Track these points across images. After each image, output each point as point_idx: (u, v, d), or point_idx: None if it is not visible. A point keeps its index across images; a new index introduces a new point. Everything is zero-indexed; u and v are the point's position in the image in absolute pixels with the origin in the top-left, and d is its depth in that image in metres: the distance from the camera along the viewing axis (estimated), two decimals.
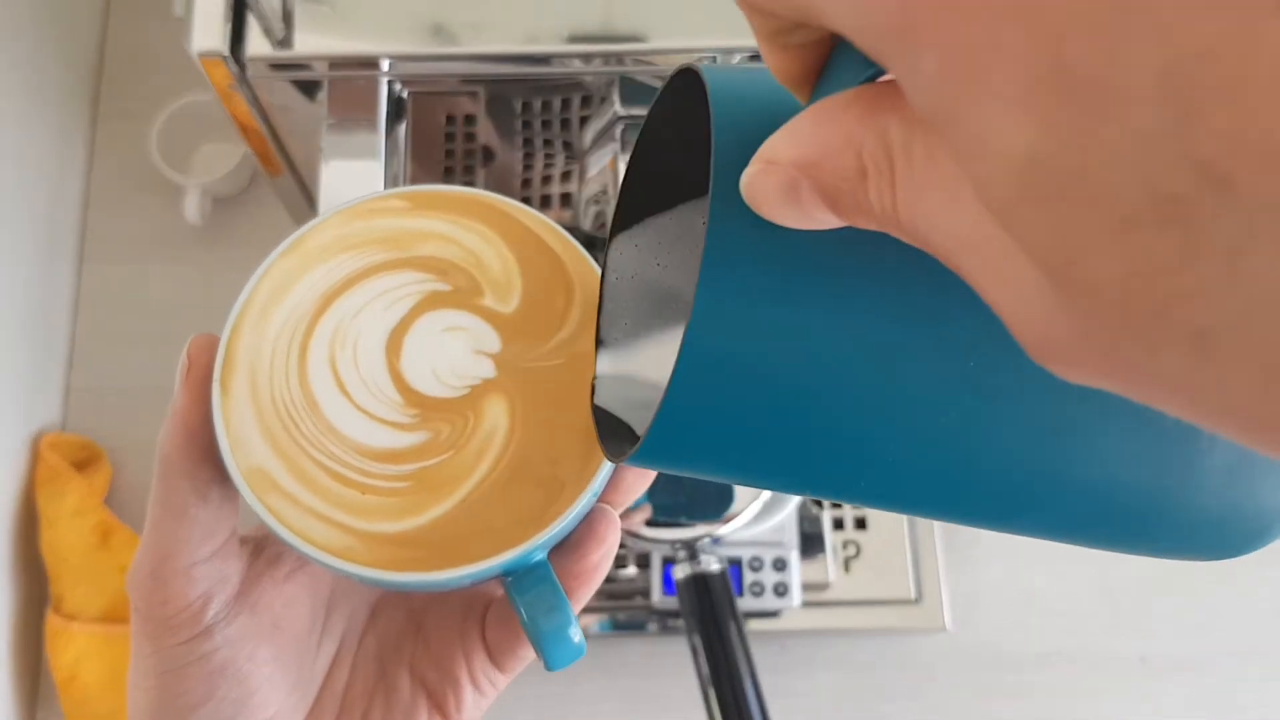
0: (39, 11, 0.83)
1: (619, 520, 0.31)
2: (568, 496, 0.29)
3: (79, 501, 0.76)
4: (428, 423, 0.30)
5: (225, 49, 0.45)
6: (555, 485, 0.29)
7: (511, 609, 0.31)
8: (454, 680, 0.33)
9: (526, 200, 0.64)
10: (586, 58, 0.48)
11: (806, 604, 0.73)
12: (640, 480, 0.32)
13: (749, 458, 0.22)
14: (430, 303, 0.31)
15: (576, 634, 0.30)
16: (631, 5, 0.48)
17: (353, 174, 0.49)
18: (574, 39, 0.47)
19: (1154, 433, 0.22)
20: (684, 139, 0.26)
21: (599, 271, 0.30)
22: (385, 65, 0.48)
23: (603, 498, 0.31)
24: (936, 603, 0.74)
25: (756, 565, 0.72)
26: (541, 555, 0.30)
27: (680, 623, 0.69)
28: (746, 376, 0.20)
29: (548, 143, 0.59)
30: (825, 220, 0.18)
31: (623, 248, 0.29)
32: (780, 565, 0.72)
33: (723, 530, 0.57)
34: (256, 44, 0.46)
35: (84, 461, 0.80)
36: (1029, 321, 0.15)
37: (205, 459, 0.29)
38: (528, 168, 0.62)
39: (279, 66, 0.47)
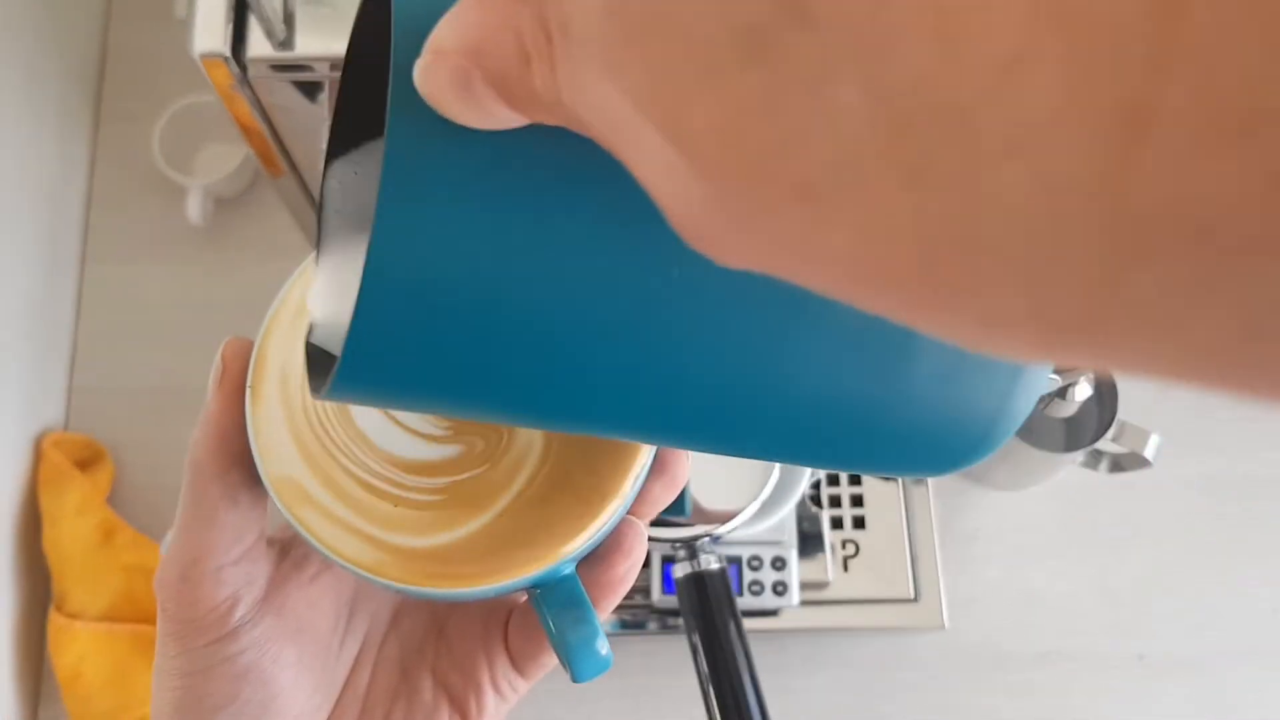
0: (40, 13, 0.83)
1: (645, 532, 0.31)
2: (599, 509, 0.28)
3: (82, 500, 0.76)
4: (461, 436, 0.29)
5: (227, 50, 0.46)
6: (587, 498, 0.29)
7: (536, 617, 0.31)
8: (476, 685, 0.33)
9: None
10: None
11: (805, 603, 0.73)
12: (667, 492, 0.31)
13: (454, 383, 0.21)
14: None
15: (604, 646, 0.30)
16: None
17: None
18: None
19: (854, 339, 0.21)
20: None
21: None
22: None
23: (629, 510, 0.31)
24: (935, 602, 0.74)
25: (756, 564, 0.72)
26: (570, 568, 0.29)
27: (680, 621, 0.69)
28: (437, 295, 0.19)
29: None
30: (505, 116, 0.17)
31: (340, 176, 0.27)
32: (779, 564, 0.72)
33: (722, 529, 0.57)
34: (258, 45, 0.46)
35: (87, 460, 0.80)
36: (672, 199, 0.14)
37: (236, 464, 0.29)
38: None
39: (280, 67, 0.47)
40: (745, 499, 0.57)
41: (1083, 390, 0.69)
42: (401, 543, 0.28)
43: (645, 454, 0.29)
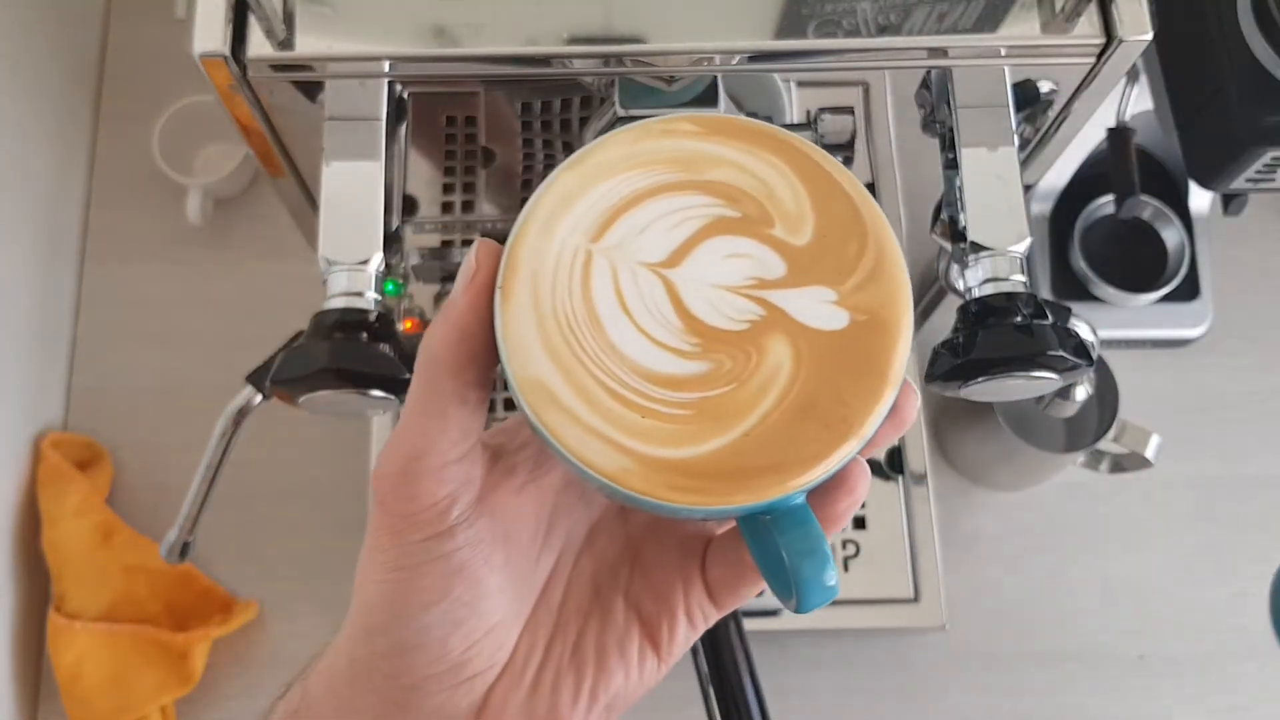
0: (40, 14, 0.83)
1: (869, 471, 0.31)
2: (844, 439, 0.28)
3: (81, 501, 0.76)
4: (709, 353, 0.29)
5: (226, 50, 0.45)
6: (834, 426, 0.28)
7: (737, 545, 0.32)
8: (670, 612, 0.33)
9: (525, 202, 0.64)
10: (586, 59, 0.48)
11: None
12: (894, 432, 0.31)
13: None
14: (718, 227, 0.30)
15: (833, 577, 0.29)
16: (631, 6, 0.48)
17: (354, 174, 0.49)
18: (574, 40, 0.47)
19: None
20: None
21: (889, 226, 0.30)
22: (386, 66, 0.48)
23: None
24: (935, 602, 0.74)
25: None
26: (803, 496, 0.29)
27: None
28: None
29: (548, 143, 0.59)
30: None
31: None
32: None
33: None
34: (258, 45, 0.46)
35: (86, 461, 0.80)
36: None
37: (473, 362, 0.30)
38: (528, 168, 0.62)
39: (280, 68, 0.47)
40: None
41: (1083, 391, 0.69)
42: (649, 452, 0.28)
43: (892, 390, 0.29)
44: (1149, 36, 0.47)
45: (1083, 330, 0.63)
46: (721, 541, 0.34)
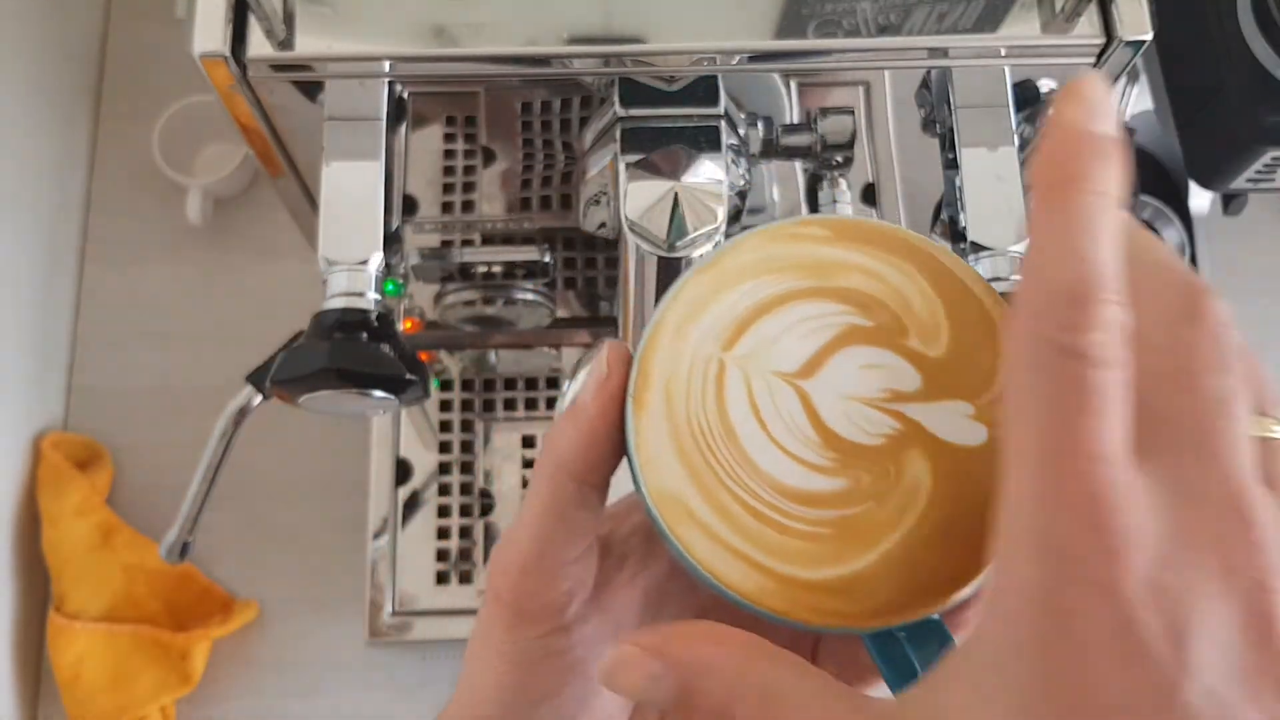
0: (40, 13, 0.84)
1: None
2: (985, 560, 0.27)
3: (81, 501, 0.76)
4: (846, 469, 0.28)
5: (226, 50, 0.46)
6: (974, 546, 0.27)
7: (854, 649, 0.31)
8: None
9: (525, 201, 0.64)
10: (586, 59, 0.48)
11: None
12: None
13: None
14: (851, 336, 0.29)
15: None
16: (632, 7, 0.48)
17: (354, 174, 0.49)
18: (574, 40, 0.47)
19: None
20: None
21: None
22: (386, 66, 0.48)
23: None
24: None
25: None
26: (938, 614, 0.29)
27: None
28: None
29: (547, 143, 0.59)
30: None
31: None
32: None
33: None
34: (258, 45, 0.46)
35: (86, 461, 0.80)
36: None
37: (598, 466, 0.30)
38: (528, 168, 0.62)
39: (280, 68, 0.47)
40: None
41: None
42: (787, 572, 0.27)
43: None
44: (1149, 36, 0.47)
45: None
46: (829, 640, 0.34)
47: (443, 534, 0.76)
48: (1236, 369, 0.22)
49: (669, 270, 0.49)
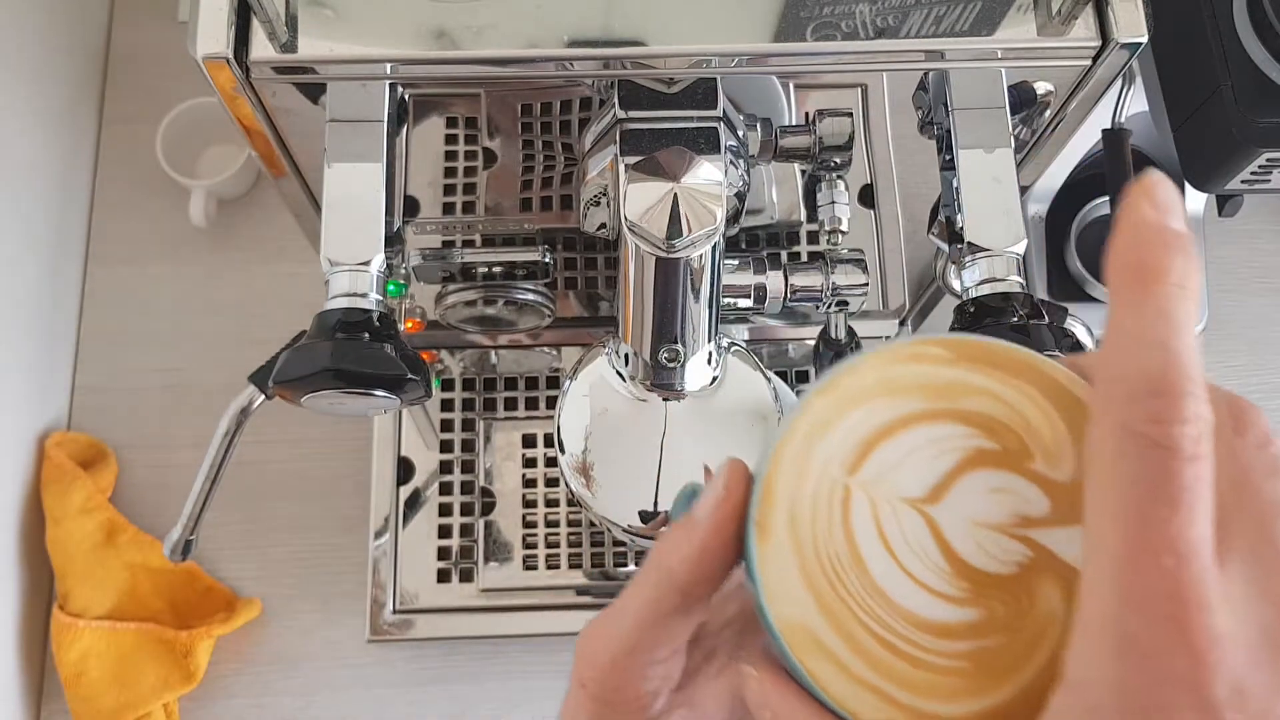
0: (44, 15, 0.84)
1: None
2: None
3: (85, 500, 0.77)
4: (979, 599, 0.27)
5: (229, 53, 0.46)
6: None
7: None
8: None
9: (526, 203, 0.65)
10: (586, 61, 0.48)
11: None
12: None
13: None
14: (977, 460, 0.28)
15: None
16: (632, 9, 0.48)
17: (356, 175, 0.50)
18: (575, 43, 0.48)
19: None
20: None
21: None
22: (388, 69, 0.48)
23: None
24: None
25: None
26: None
27: None
28: None
29: (548, 145, 0.59)
30: None
31: None
32: None
33: None
34: (260, 48, 0.47)
35: (90, 460, 0.80)
36: None
37: (705, 581, 0.30)
38: (528, 170, 0.62)
39: (282, 70, 0.47)
40: None
41: None
42: (922, 707, 0.27)
43: None
44: (1144, 39, 0.48)
45: (1079, 331, 0.63)
46: None
47: (444, 532, 0.77)
48: None
49: (668, 270, 0.49)
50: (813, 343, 0.65)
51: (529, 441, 0.79)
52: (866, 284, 0.58)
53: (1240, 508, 0.23)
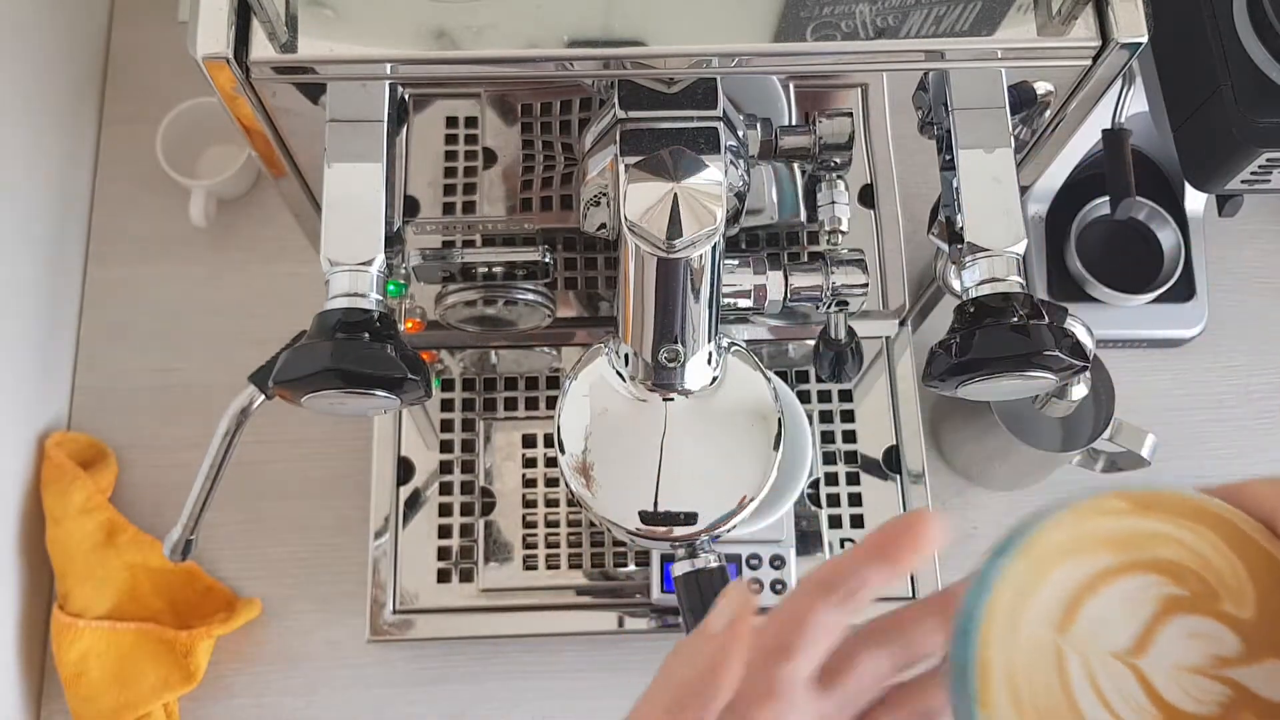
0: (44, 16, 0.84)
1: None
2: None
3: (85, 499, 0.77)
4: None
5: (229, 53, 0.46)
6: None
7: None
8: None
9: (527, 203, 0.65)
10: (587, 61, 0.48)
11: None
12: None
13: None
14: (1170, 607, 0.30)
15: None
16: (632, 9, 0.48)
17: (356, 175, 0.50)
18: (575, 43, 0.48)
19: None
20: None
21: None
22: (388, 69, 0.48)
23: None
24: None
25: (754, 563, 0.73)
26: None
27: (679, 620, 0.70)
28: None
29: (548, 145, 0.59)
30: None
31: None
32: (778, 563, 0.73)
33: (721, 528, 0.57)
34: (260, 48, 0.47)
35: (90, 460, 0.80)
36: None
37: None
38: (528, 170, 0.62)
39: (282, 70, 0.47)
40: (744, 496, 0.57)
41: (1079, 390, 0.69)
42: None
43: None
44: (1144, 39, 0.48)
45: (1079, 330, 0.63)
46: None
47: (444, 532, 0.77)
48: None
49: (669, 271, 0.49)
50: (813, 343, 0.65)
51: (529, 441, 0.79)
52: (866, 284, 0.58)
53: None
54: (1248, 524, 0.31)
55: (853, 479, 0.78)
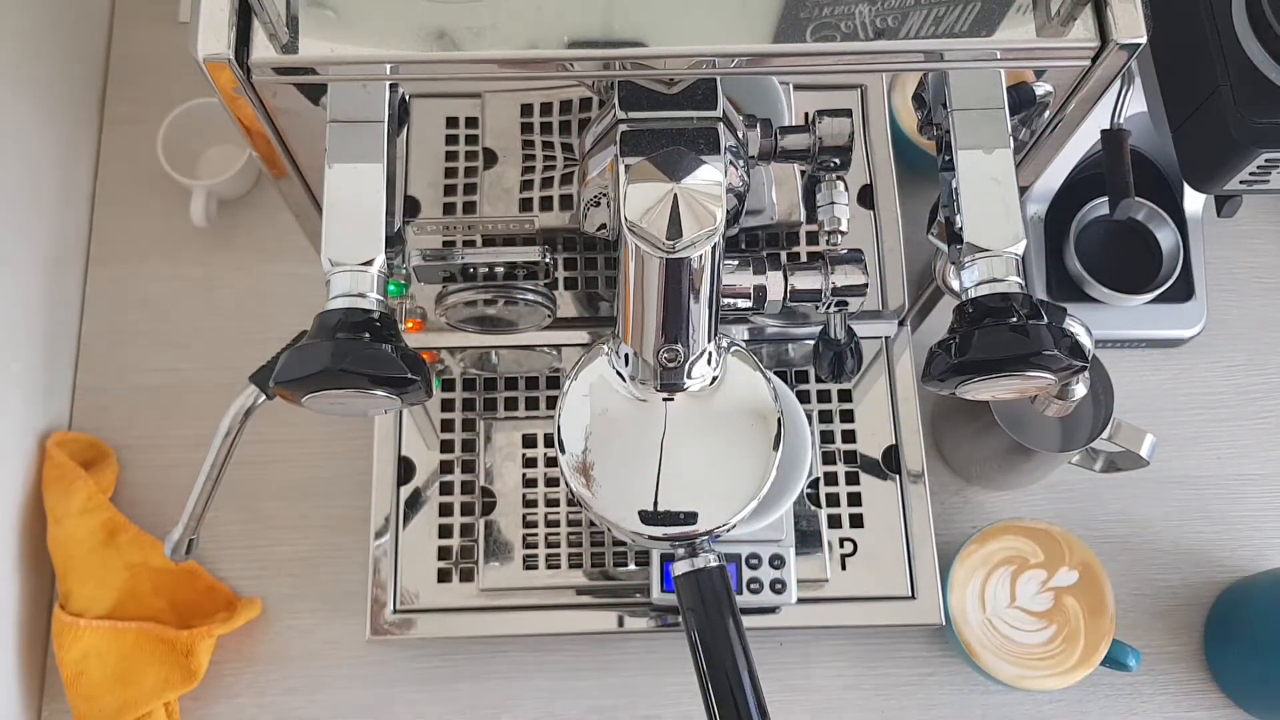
0: (45, 16, 0.84)
1: None
2: None
3: (86, 499, 0.77)
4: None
5: (230, 54, 0.46)
6: None
7: None
8: None
9: (527, 203, 0.65)
10: (587, 62, 0.48)
11: (803, 600, 0.74)
12: None
13: None
14: (1017, 573, 0.41)
15: None
16: (632, 9, 0.48)
17: (356, 176, 0.50)
18: (575, 43, 0.48)
19: None
20: None
21: None
22: (388, 69, 0.48)
23: None
24: (933, 599, 0.75)
25: (754, 563, 0.73)
26: None
27: (679, 619, 0.70)
28: None
29: (548, 145, 0.60)
30: None
31: None
32: (778, 562, 0.73)
33: (721, 528, 0.57)
34: (261, 49, 0.47)
35: (91, 460, 0.80)
36: None
37: None
38: (528, 170, 0.62)
39: (283, 71, 0.47)
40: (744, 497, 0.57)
41: (1078, 390, 0.69)
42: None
43: None
44: (1143, 39, 0.48)
45: (1078, 330, 0.63)
46: None
47: (444, 532, 0.77)
48: None
49: (668, 271, 0.49)
50: (813, 343, 0.65)
51: (529, 441, 0.79)
52: (866, 284, 0.58)
53: None
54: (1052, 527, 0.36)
55: (852, 479, 0.79)
